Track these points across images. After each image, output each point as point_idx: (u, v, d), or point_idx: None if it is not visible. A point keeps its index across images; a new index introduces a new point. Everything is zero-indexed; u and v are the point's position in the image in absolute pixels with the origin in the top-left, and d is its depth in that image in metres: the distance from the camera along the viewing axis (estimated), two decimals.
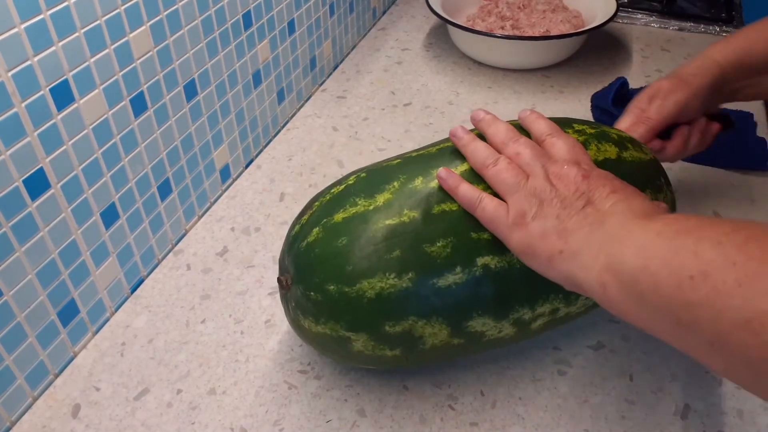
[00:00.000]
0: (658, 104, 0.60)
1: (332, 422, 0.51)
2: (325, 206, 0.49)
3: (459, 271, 0.46)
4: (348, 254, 0.46)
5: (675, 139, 0.61)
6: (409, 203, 0.47)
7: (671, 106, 0.59)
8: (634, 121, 0.60)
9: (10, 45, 0.45)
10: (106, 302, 0.60)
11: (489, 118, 0.51)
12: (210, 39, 0.67)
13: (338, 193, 0.50)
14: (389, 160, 0.52)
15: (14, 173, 0.48)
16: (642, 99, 0.61)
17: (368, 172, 0.51)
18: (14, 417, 0.52)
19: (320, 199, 0.51)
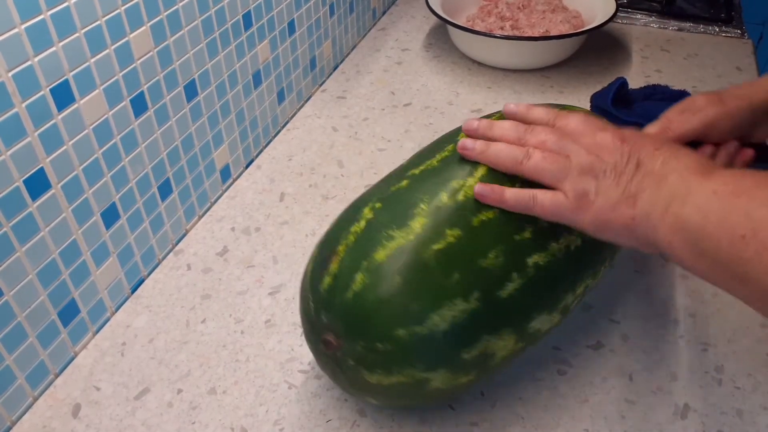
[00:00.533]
0: (684, 117, 0.57)
1: (332, 422, 0.51)
2: (355, 248, 0.45)
3: (516, 277, 0.45)
4: (408, 292, 0.43)
5: None
6: (447, 222, 0.45)
7: (696, 122, 0.56)
8: (658, 130, 0.58)
9: (11, 45, 0.45)
10: (106, 302, 0.60)
11: (485, 123, 0.50)
12: (210, 39, 0.68)
13: (363, 230, 0.46)
14: (391, 183, 0.49)
15: (15, 173, 0.48)
16: (675, 109, 0.59)
17: (382, 201, 0.47)
18: (15, 417, 0.52)
19: (342, 242, 0.46)
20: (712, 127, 0.56)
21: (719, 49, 1.02)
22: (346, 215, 0.49)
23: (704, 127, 0.56)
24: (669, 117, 0.58)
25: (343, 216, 0.49)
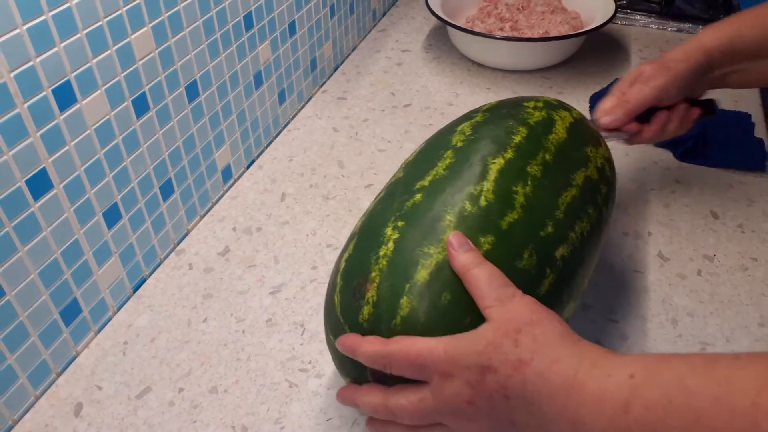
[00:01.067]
0: (637, 88, 0.61)
1: (333, 420, 0.52)
2: (391, 272, 0.43)
3: (549, 272, 0.45)
4: (459, 307, 0.42)
5: (653, 123, 0.62)
6: (478, 230, 0.44)
7: (649, 91, 0.60)
8: (615, 103, 0.61)
9: (13, 46, 0.46)
10: (108, 302, 0.60)
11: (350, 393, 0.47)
12: (211, 40, 0.68)
13: (393, 253, 0.44)
14: (401, 199, 0.48)
15: (17, 173, 0.48)
16: (625, 82, 0.63)
17: (404, 219, 0.46)
18: (17, 416, 0.52)
19: (374, 269, 0.44)
20: (663, 93, 0.61)
21: None
22: (365, 240, 0.47)
23: (657, 95, 0.61)
24: (621, 89, 0.62)
25: (362, 241, 0.47)
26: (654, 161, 0.78)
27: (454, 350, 0.40)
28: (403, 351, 0.41)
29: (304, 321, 0.60)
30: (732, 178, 0.75)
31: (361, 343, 0.43)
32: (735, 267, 0.64)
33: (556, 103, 0.57)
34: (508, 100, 0.59)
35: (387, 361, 0.42)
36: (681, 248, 0.67)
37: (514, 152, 0.50)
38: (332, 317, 0.46)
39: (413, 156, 0.54)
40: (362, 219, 0.50)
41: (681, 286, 0.62)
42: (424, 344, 0.41)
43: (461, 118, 0.57)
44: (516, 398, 0.38)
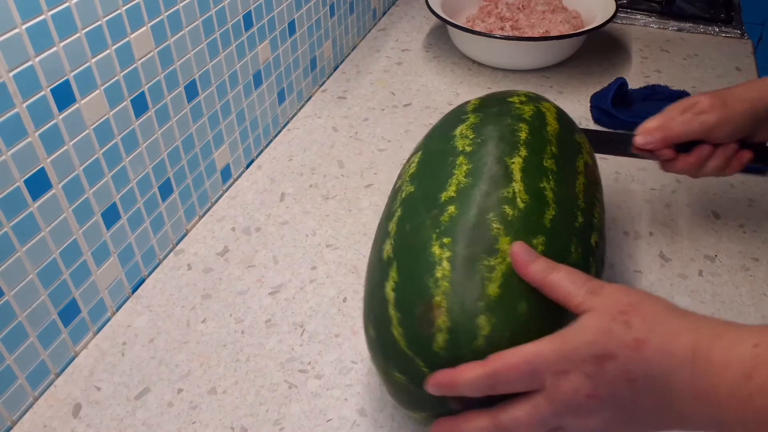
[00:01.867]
0: (685, 118, 0.57)
1: (332, 421, 0.52)
2: (457, 292, 0.41)
3: (592, 262, 0.47)
4: (538, 312, 0.41)
5: (691, 155, 0.58)
6: (528, 232, 0.44)
7: (698, 125, 0.56)
8: (658, 125, 0.58)
9: (12, 45, 0.46)
10: (107, 302, 0.60)
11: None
12: (211, 39, 0.68)
13: (452, 272, 0.42)
14: (437, 214, 0.45)
15: (15, 173, 0.48)
16: (678, 106, 0.59)
17: (449, 235, 0.44)
18: (15, 416, 0.52)
19: (436, 293, 0.42)
20: (712, 131, 0.56)
21: (719, 49, 1.02)
22: (409, 264, 0.44)
23: (705, 131, 0.56)
24: (671, 115, 0.58)
25: (406, 266, 0.44)
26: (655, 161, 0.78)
27: (564, 346, 0.38)
28: (508, 364, 0.39)
29: (303, 322, 0.60)
30: (733, 178, 0.75)
31: (458, 374, 0.40)
32: (736, 267, 0.64)
33: (534, 95, 0.58)
34: (490, 97, 0.58)
35: (494, 381, 0.39)
36: (682, 248, 0.66)
37: (526, 149, 0.50)
38: (396, 354, 0.43)
39: (415, 168, 0.52)
40: (388, 242, 0.47)
41: (682, 286, 0.62)
42: (529, 350, 0.39)
43: (452, 121, 0.55)
44: (640, 378, 0.36)
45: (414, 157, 0.54)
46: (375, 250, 0.49)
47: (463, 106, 0.58)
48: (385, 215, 0.51)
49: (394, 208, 0.49)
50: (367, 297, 0.47)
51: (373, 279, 0.47)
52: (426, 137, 0.56)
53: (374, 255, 0.48)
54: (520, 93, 0.58)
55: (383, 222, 0.50)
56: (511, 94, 0.58)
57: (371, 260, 0.49)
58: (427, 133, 0.57)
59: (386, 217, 0.50)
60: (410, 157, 0.55)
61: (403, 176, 0.52)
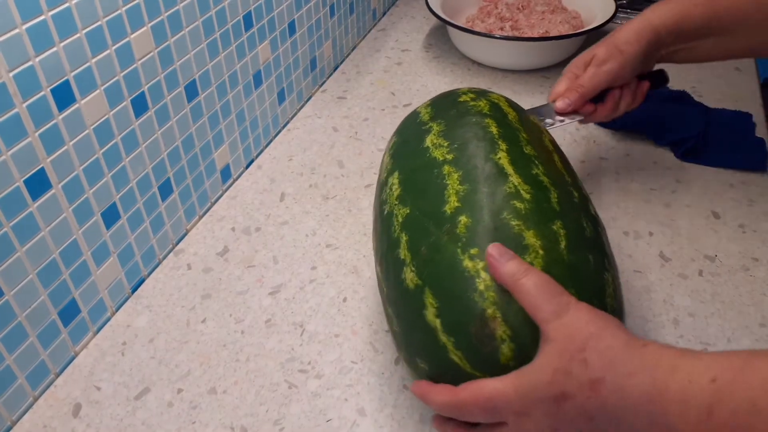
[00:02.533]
0: (591, 72, 0.62)
1: (332, 421, 0.52)
2: (507, 300, 0.41)
3: (600, 232, 0.48)
4: (584, 297, 0.41)
5: (607, 102, 0.63)
6: (545, 222, 0.44)
7: (603, 75, 0.61)
8: (568, 86, 0.63)
9: (12, 45, 0.46)
10: (106, 302, 0.60)
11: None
12: (211, 40, 0.68)
13: (493, 281, 0.41)
14: (451, 227, 0.45)
15: (15, 173, 0.48)
16: (577, 64, 0.64)
17: (475, 245, 0.43)
18: (15, 416, 0.52)
19: (486, 305, 0.41)
20: (617, 76, 0.62)
21: None
22: (444, 285, 0.43)
23: (611, 78, 0.62)
24: (574, 71, 0.64)
25: (441, 287, 0.43)
26: (654, 161, 0.78)
27: (523, 386, 0.39)
28: (473, 398, 0.40)
29: (303, 321, 0.60)
30: (733, 178, 0.75)
31: (430, 394, 0.42)
32: (736, 267, 0.64)
33: (478, 90, 0.58)
34: (438, 103, 0.58)
35: (460, 411, 0.41)
36: (682, 248, 0.66)
37: (504, 142, 0.50)
38: (460, 379, 0.42)
39: (399, 189, 0.50)
40: (408, 270, 0.45)
41: (682, 286, 0.62)
42: (492, 386, 0.40)
43: (413, 134, 0.54)
44: (599, 416, 0.37)
45: (391, 179, 0.52)
46: (391, 282, 0.47)
47: (414, 117, 0.57)
48: (384, 244, 0.49)
49: (395, 235, 0.48)
50: (404, 332, 0.46)
51: (404, 312, 0.45)
52: (393, 157, 0.54)
53: (393, 288, 0.47)
54: (464, 90, 0.58)
55: (386, 252, 0.48)
56: (456, 93, 0.58)
57: (390, 295, 0.47)
58: (391, 153, 0.55)
59: (388, 246, 0.48)
60: (385, 181, 0.53)
61: (389, 201, 0.51)
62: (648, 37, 0.61)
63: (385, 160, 0.56)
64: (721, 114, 0.83)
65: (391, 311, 0.47)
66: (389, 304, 0.48)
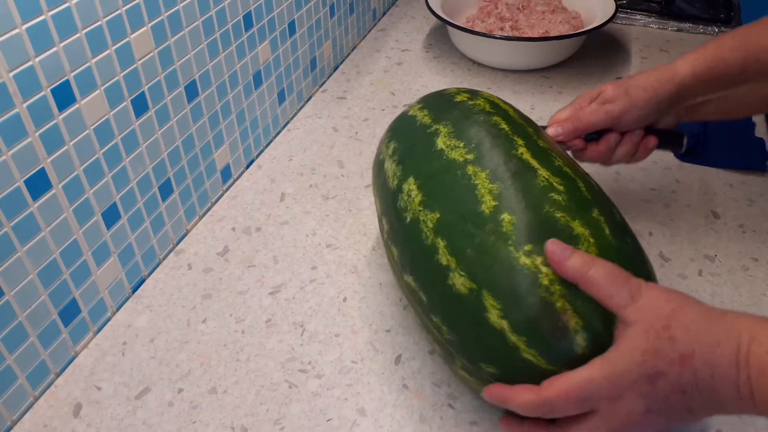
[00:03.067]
0: (592, 108, 0.59)
1: (332, 421, 0.52)
2: (573, 290, 0.42)
3: (621, 218, 0.49)
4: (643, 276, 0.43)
5: (600, 144, 0.60)
6: (584, 211, 0.45)
7: (602, 113, 0.58)
8: (569, 115, 0.60)
9: (12, 46, 0.46)
10: (107, 302, 0.60)
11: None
12: (211, 40, 0.68)
13: (555, 273, 0.42)
14: (495, 227, 0.44)
15: (16, 173, 0.48)
16: (585, 96, 0.61)
17: (526, 242, 0.43)
18: (15, 416, 0.52)
19: (554, 299, 0.41)
20: (618, 119, 0.58)
21: None
22: (502, 285, 0.42)
23: (610, 120, 0.58)
24: (580, 103, 0.60)
25: (499, 288, 0.43)
26: (654, 161, 0.78)
27: (613, 371, 0.39)
28: (560, 393, 0.40)
29: (303, 321, 0.60)
30: (733, 178, 0.75)
31: (511, 395, 0.42)
32: (736, 267, 0.64)
33: (468, 89, 0.58)
34: (434, 104, 0.57)
35: (547, 409, 0.41)
36: (682, 248, 0.66)
37: (519, 138, 0.50)
38: (536, 377, 0.42)
39: (421, 194, 0.49)
40: (456, 275, 0.44)
41: (682, 286, 0.62)
42: (580, 377, 0.40)
43: (420, 138, 0.53)
44: (691, 390, 0.38)
45: (406, 185, 0.51)
46: (435, 290, 0.46)
47: (411, 121, 0.56)
48: (413, 253, 0.48)
49: (428, 242, 0.47)
50: (462, 338, 0.45)
51: (458, 319, 0.45)
52: (400, 163, 0.53)
53: (439, 296, 0.46)
54: (455, 90, 0.58)
55: (418, 260, 0.47)
56: (449, 94, 0.57)
57: (434, 304, 0.46)
58: (396, 159, 0.54)
59: (420, 254, 0.47)
60: (398, 188, 0.52)
61: (410, 208, 0.50)
62: (668, 87, 0.57)
63: (389, 167, 0.55)
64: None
65: (438, 320, 0.46)
66: (434, 314, 0.47)
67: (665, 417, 0.40)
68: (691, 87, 0.58)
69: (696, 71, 0.57)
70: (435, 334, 0.48)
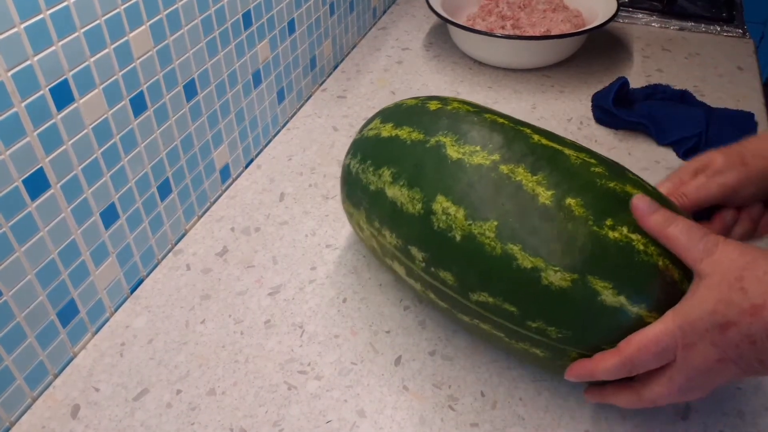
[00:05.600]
0: (700, 182, 0.51)
1: (332, 423, 0.51)
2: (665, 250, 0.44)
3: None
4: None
5: (713, 223, 0.52)
6: (622, 177, 0.48)
7: (714, 188, 0.50)
8: (670, 191, 0.52)
9: (10, 45, 0.45)
10: (105, 302, 0.60)
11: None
12: (210, 39, 0.67)
13: (647, 236, 0.44)
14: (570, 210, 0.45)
15: (14, 173, 0.48)
16: (688, 168, 0.53)
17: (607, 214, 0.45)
18: (13, 417, 0.52)
19: (657, 259, 0.43)
20: (734, 193, 0.51)
21: (720, 48, 1.02)
22: (608, 261, 0.43)
23: (725, 195, 0.51)
24: (681, 176, 0.53)
25: (606, 266, 0.43)
26: (656, 161, 0.78)
27: (687, 320, 0.41)
28: (640, 348, 0.42)
29: (303, 322, 0.60)
30: None
31: (595, 365, 0.44)
32: None
33: (438, 96, 0.57)
34: (405, 119, 0.55)
35: (630, 366, 0.43)
36: None
37: (522, 127, 0.51)
38: None
39: (462, 211, 0.47)
40: (551, 270, 0.44)
41: None
42: (655, 330, 0.42)
43: (419, 154, 0.51)
44: (761, 340, 0.39)
45: (437, 205, 0.49)
46: (528, 297, 0.45)
47: (397, 142, 0.53)
48: (482, 269, 0.46)
49: (497, 252, 0.45)
50: (578, 331, 0.45)
51: (566, 314, 0.44)
52: (415, 185, 0.50)
53: (537, 300, 0.45)
54: (415, 101, 0.57)
55: (493, 273, 0.46)
56: (420, 106, 0.55)
57: (532, 311, 0.45)
58: (405, 184, 0.51)
59: (492, 266, 0.46)
60: (430, 211, 0.49)
61: (455, 225, 0.47)
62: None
63: (398, 193, 0.51)
64: (723, 113, 0.83)
65: (540, 324, 0.45)
66: (531, 320, 0.46)
67: (738, 366, 0.40)
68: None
69: None
70: (534, 339, 0.47)
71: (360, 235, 0.59)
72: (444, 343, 0.57)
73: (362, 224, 0.57)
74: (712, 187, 0.51)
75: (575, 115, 0.87)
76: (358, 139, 0.59)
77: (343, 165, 0.60)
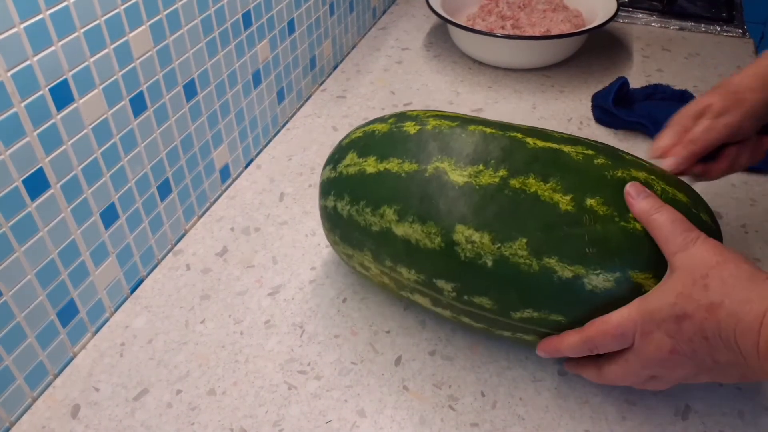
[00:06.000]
0: (705, 126, 0.52)
1: (332, 423, 0.51)
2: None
3: None
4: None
5: (721, 161, 0.55)
6: (631, 165, 0.49)
7: (721, 129, 0.52)
8: (675, 140, 0.53)
9: (10, 45, 0.45)
10: (105, 302, 0.60)
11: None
12: (210, 39, 0.67)
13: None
14: (593, 211, 0.45)
15: (14, 173, 0.48)
16: (687, 114, 0.54)
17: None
18: (13, 417, 0.52)
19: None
20: (738, 130, 0.53)
21: (720, 48, 1.02)
22: (646, 253, 0.44)
23: (730, 132, 0.52)
24: (683, 123, 0.54)
25: (646, 257, 0.44)
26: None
27: (648, 309, 0.42)
28: (601, 331, 0.44)
29: (303, 322, 0.59)
30: (735, 178, 0.75)
31: (560, 341, 0.47)
32: None
33: (395, 115, 0.56)
34: (383, 148, 0.53)
35: (591, 345, 0.45)
36: None
37: (514, 132, 0.51)
38: None
39: (484, 236, 0.47)
40: (593, 277, 0.44)
41: None
42: (618, 315, 0.44)
43: (419, 185, 0.49)
44: (714, 338, 0.40)
45: (457, 235, 0.47)
46: (577, 301, 0.45)
47: (390, 176, 0.51)
48: (521, 285, 0.46)
49: (534, 268, 0.45)
50: None
51: (616, 307, 0.44)
52: (426, 218, 0.48)
53: (585, 303, 0.45)
54: (384, 127, 0.55)
55: (543, 284, 0.45)
56: (396, 130, 0.53)
57: (579, 315, 0.46)
58: (414, 220, 0.49)
59: (530, 279, 0.45)
60: (451, 242, 0.47)
61: (481, 251, 0.46)
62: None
63: (409, 230, 0.49)
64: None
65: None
66: (581, 324, 0.46)
67: (693, 362, 0.42)
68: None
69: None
70: None
71: (363, 273, 0.57)
72: (444, 343, 0.57)
73: (367, 264, 0.54)
74: (719, 128, 0.52)
75: (575, 115, 0.87)
76: (336, 178, 0.54)
77: (323, 206, 0.56)
